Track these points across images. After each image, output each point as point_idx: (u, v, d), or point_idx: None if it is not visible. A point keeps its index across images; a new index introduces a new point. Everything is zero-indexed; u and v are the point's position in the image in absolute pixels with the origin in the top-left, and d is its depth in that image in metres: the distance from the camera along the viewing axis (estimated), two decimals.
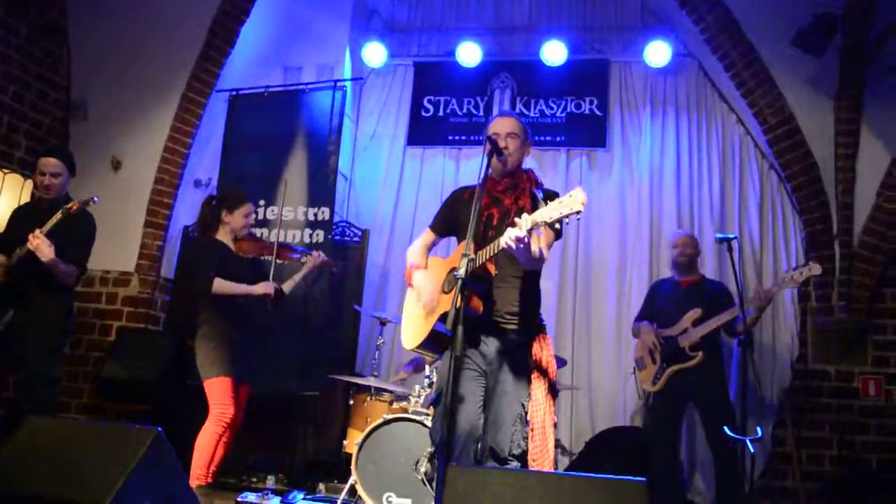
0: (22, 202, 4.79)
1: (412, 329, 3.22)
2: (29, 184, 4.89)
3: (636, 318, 5.16)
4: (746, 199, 5.98)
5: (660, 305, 4.97)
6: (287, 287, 4.54)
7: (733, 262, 4.34)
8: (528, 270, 3.05)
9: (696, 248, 5.01)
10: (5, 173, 4.81)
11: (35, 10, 5.60)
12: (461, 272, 2.62)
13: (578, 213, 2.50)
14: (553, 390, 3.10)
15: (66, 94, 5.97)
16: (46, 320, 4.04)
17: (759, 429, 4.38)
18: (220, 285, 4.18)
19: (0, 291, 4.04)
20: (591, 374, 5.94)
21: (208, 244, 4.35)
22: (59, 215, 3.90)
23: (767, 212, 5.91)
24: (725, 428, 4.26)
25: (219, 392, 4.09)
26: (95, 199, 4.03)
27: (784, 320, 5.64)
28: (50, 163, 4.16)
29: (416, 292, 3.20)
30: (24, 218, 4.20)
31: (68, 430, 2.60)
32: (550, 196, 2.76)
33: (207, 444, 4.02)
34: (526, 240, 2.62)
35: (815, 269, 4.35)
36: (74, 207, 3.92)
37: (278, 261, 4.53)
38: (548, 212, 2.57)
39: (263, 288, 4.30)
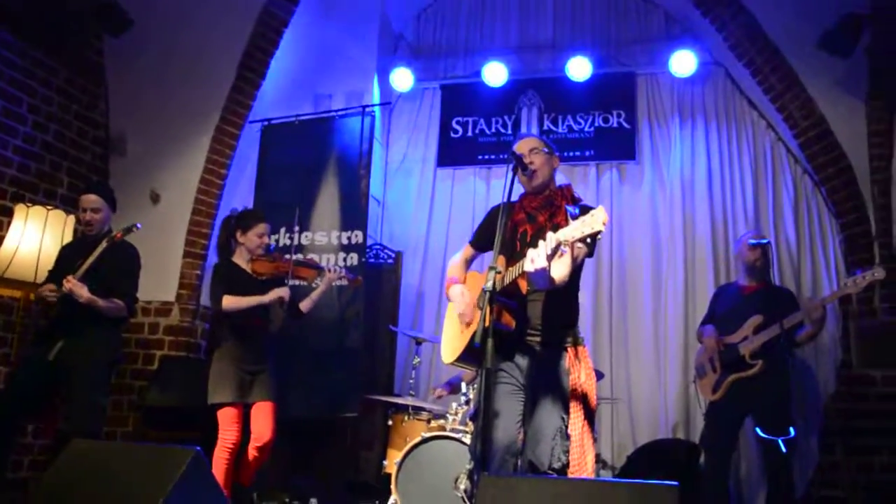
0: (65, 238, 4.90)
1: (450, 343, 3.26)
2: (71, 220, 5.02)
3: (701, 322, 4.96)
4: (781, 204, 5.92)
5: (721, 311, 4.76)
6: (305, 306, 4.61)
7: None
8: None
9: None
10: (49, 210, 4.96)
11: (73, 50, 5.79)
12: (488, 285, 2.66)
13: (599, 233, 2.49)
14: (591, 404, 3.07)
15: (104, 132, 6.14)
16: (94, 351, 4.13)
17: (791, 429, 4.23)
18: (229, 301, 4.24)
19: (50, 323, 4.17)
20: (630, 387, 5.90)
21: (220, 266, 4.44)
22: (104, 244, 4.03)
23: (803, 217, 5.84)
24: (757, 429, 4.16)
25: (222, 418, 4.23)
26: (138, 226, 4.12)
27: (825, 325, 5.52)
28: (90, 199, 4.28)
29: (454, 306, 3.23)
30: (70, 254, 4.32)
31: (110, 452, 2.68)
32: (587, 211, 2.74)
33: (216, 470, 4.10)
34: (546, 266, 2.62)
35: (879, 273, 4.09)
36: (119, 236, 4.05)
37: (296, 281, 4.63)
38: (570, 231, 2.56)
39: (275, 293, 4.31)
